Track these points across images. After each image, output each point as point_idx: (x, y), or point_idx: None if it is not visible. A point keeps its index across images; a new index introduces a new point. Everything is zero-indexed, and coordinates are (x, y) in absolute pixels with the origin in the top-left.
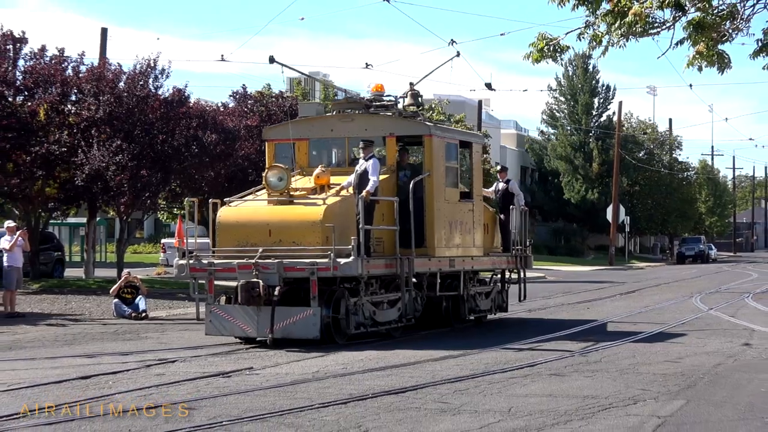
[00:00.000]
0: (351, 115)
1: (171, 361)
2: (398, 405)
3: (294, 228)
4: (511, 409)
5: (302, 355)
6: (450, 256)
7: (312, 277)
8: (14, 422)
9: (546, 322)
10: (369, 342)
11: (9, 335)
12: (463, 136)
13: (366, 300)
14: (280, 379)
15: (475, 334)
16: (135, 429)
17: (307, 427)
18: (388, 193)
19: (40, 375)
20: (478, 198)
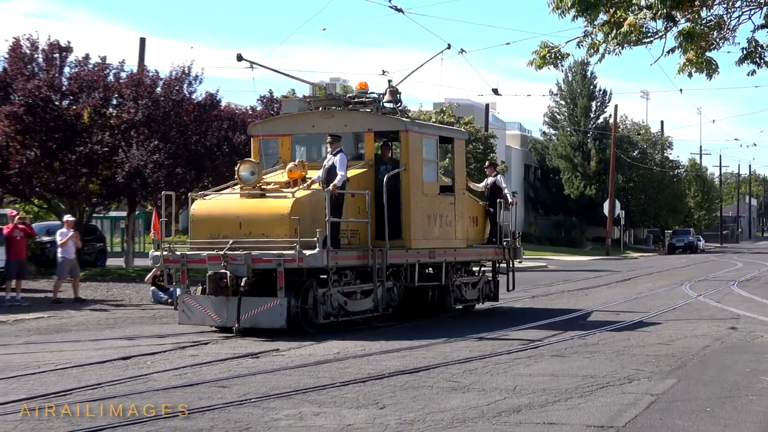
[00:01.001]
0: (331, 112)
1: (204, 343)
2: (412, 383)
3: (262, 221)
4: (516, 387)
5: (323, 338)
6: (430, 248)
7: (279, 269)
8: (62, 398)
9: (535, 311)
10: (365, 330)
11: (56, 319)
12: (443, 132)
13: (336, 290)
14: (304, 359)
15: (463, 322)
16: (170, 405)
17: (329, 404)
18: (365, 186)
19: (84, 356)
20: (461, 192)
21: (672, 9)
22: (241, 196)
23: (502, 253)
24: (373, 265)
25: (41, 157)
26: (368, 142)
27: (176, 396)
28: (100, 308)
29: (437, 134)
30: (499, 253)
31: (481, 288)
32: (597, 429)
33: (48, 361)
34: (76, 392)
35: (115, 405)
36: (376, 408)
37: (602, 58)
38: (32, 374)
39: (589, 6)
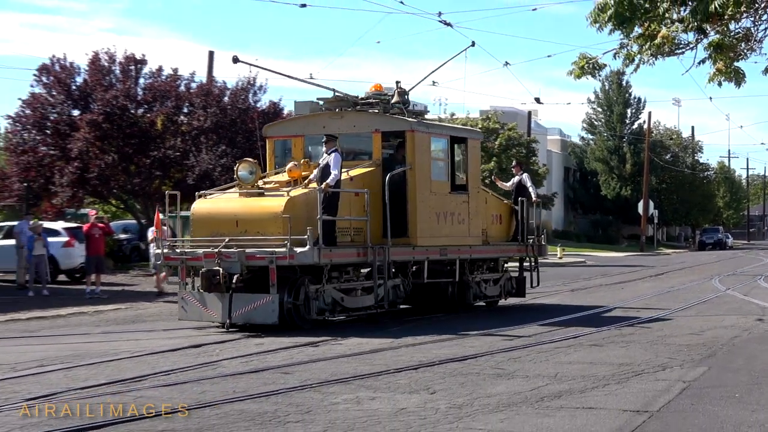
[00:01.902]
0: (341, 113)
1: (269, 333)
2: (461, 370)
3: (257, 219)
4: (557, 374)
5: (380, 327)
6: (440, 245)
7: (271, 266)
8: (138, 383)
9: (563, 307)
10: (411, 323)
11: (133, 311)
12: (455, 132)
13: (331, 287)
14: (361, 348)
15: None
16: (238, 389)
17: (383, 389)
18: (372, 185)
19: (158, 344)
20: (476, 190)
21: (702, 22)
22: (240, 195)
23: (525, 250)
24: (374, 263)
25: (118, 161)
26: (375, 141)
27: (242, 382)
28: (173, 300)
29: (448, 134)
30: (522, 251)
31: (503, 284)
32: (633, 413)
33: (124, 349)
34: (151, 378)
35: (185, 391)
36: (427, 393)
37: (637, 68)
38: (110, 361)
39: (625, 20)
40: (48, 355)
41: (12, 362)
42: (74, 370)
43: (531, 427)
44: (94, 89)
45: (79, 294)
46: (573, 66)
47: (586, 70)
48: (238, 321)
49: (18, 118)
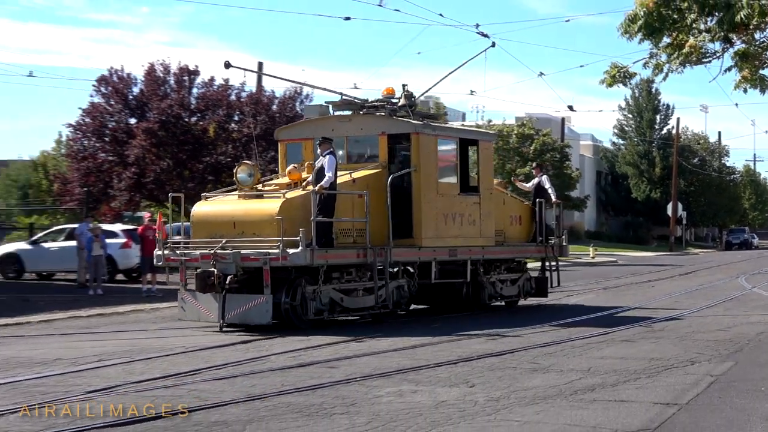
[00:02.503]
0: (349, 116)
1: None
2: (498, 365)
3: (253, 221)
4: (590, 368)
5: (423, 321)
6: (450, 246)
7: (265, 267)
8: (191, 377)
9: (588, 308)
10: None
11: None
12: (465, 134)
13: (330, 288)
14: (404, 343)
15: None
16: (286, 383)
17: (425, 383)
18: (378, 187)
19: (210, 340)
20: (488, 192)
21: (728, 32)
22: (239, 197)
23: (544, 251)
24: (373, 264)
25: (173, 166)
26: (382, 144)
27: (290, 376)
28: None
29: (457, 136)
30: (540, 251)
31: (522, 285)
32: (663, 406)
33: (179, 345)
34: (203, 372)
35: (237, 384)
36: (466, 386)
37: (666, 76)
38: (165, 356)
39: (654, 30)
40: (107, 350)
41: (73, 357)
42: (131, 365)
43: (565, 419)
44: (150, 99)
45: (135, 292)
46: (605, 75)
47: (618, 79)
48: (233, 321)
49: (79, 126)
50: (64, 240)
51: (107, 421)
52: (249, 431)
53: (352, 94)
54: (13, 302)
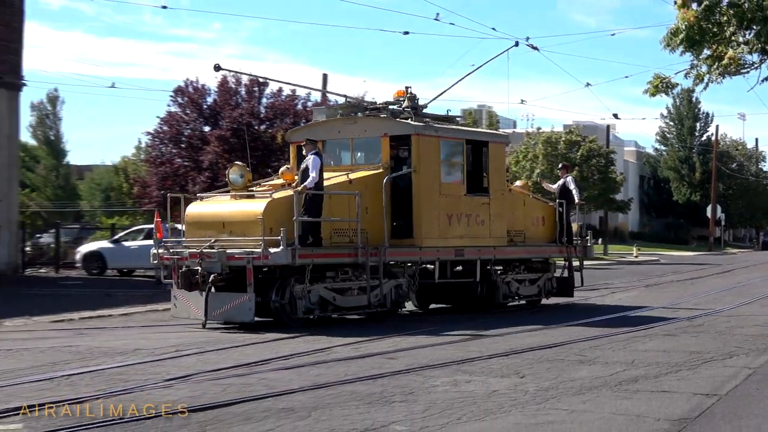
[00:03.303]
0: (354, 118)
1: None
2: (546, 357)
3: (240, 221)
4: (633, 360)
5: (473, 316)
6: (456, 246)
7: (248, 266)
8: (261, 366)
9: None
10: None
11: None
12: (473, 136)
13: (322, 286)
14: (457, 337)
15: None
16: (349, 372)
17: (478, 373)
18: (377, 188)
19: (279, 332)
20: (499, 192)
21: (766, 44)
22: (231, 197)
23: (565, 251)
24: (366, 263)
25: None
26: (384, 145)
27: (353, 366)
28: None
29: (463, 137)
30: (562, 251)
31: (543, 284)
32: (703, 396)
33: (250, 336)
34: (272, 362)
35: (302, 374)
36: (517, 377)
37: (706, 86)
38: (236, 347)
39: (695, 43)
40: (183, 341)
41: (151, 347)
42: (206, 355)
43: (610, 408)
44: (222, 108)
45: None
46: (648, 85)
47: (660, 89)
48: (218, 319)
49: (156, 133)
50: (143, 239)
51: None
52: (314, 417)
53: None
54: (96, 297)
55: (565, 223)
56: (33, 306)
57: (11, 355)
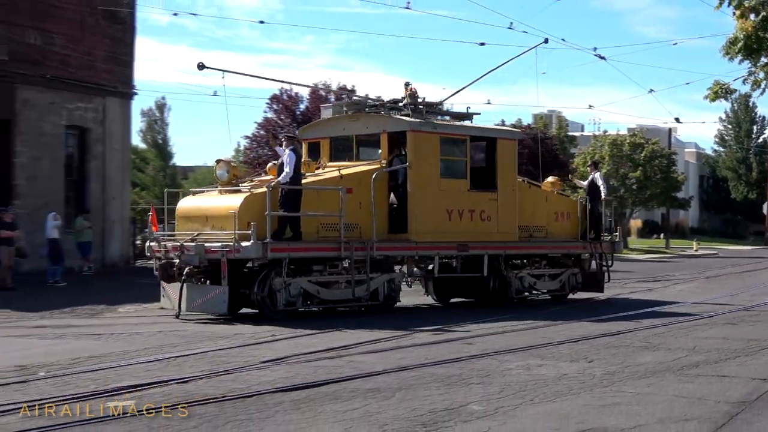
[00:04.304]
0: (357, 115)
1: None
2: (613, 343)
3: (219, 215)
4: (695, 347)
5: (544, 305)
6: (459, 242)
7: (222, 259)
8: (350, 350)
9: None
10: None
11: None
12: (478, 132)
13: (304, 280)
14: (530, 325)
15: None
16: (430, 356)
17: (548, 358)
18: (378, 183)
19: (365, 319)
20: (509, 188)
21: None
22: (218, 192)
23: (588, 247)
24: (350, 257)
25: None
26: (383, 142)
27: (433, 351)
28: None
29: (467, 134)
30: (585, 247)
31: (567, 279)
32: (760, 381)
33: (339, 323)
34: (360, 345)
35: (367, 363)
36: (585, 362)
37: (763, 91)
38: (325, 332)
39: (753, 51)
40: (277, 327)
41: (250, 332)
42: (299, 339)
43: (673, 391)
44: (313, 114)
45: None
46: (708, 91)
47: (720, 94)
48: (196, 310)
49: (254, 137)
50: None
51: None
52: (398, 397)
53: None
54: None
55: (594, 218)
56: (143, 294)
57: (124, 339)
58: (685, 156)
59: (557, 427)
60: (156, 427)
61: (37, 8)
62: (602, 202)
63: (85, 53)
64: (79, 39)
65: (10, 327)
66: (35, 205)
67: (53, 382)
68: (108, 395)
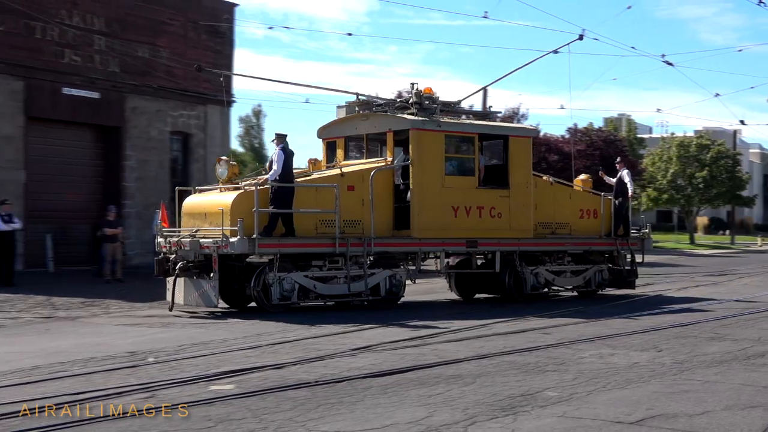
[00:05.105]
0: (367, 115)
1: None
2: (681, 334)
3: (215, 212)
4: (760, 338)
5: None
6: (468, 238)
7: (213, 254)
8: (432, 339)
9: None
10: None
11: (428, 285)
12: (488, 130)
13: (300, 275)
14: (599, 316)
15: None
16: (508, 345)
17: (620, 347)
18: (383, 181)
19: (446, 311)
20: (523, 186)
21: None
22: (219, 190)
23: (614, 244)
24: (346, 253)
25: None
26: (389, 140)
27: (511, 340)
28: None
29: (475, 132)
30: (611, 244)
31: (593, 276)
32: None
33: (419, 314)
34: (441, 335)
35: (426, 354)
36: (655, 351)
37: None
38: (408, 324)
39: None
40: (365, 315)
41: (342, 323)
42: (385, 328)
43: (739, 379)
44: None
45: None
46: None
47: None
48: (191, 303)
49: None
50: None
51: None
52: (478, 383)
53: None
54: None
55: (621, 215)
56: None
57: (225, 327)
58: (750, 156)
59: (628, 412)
60: (255, 408)
61: (146, 25)
62: (629, 199)
63: (188, 65)
64: (183, 52)
65: (122, 316)
66: (143, 204)
67: (160, 367)
68: (209, 379)
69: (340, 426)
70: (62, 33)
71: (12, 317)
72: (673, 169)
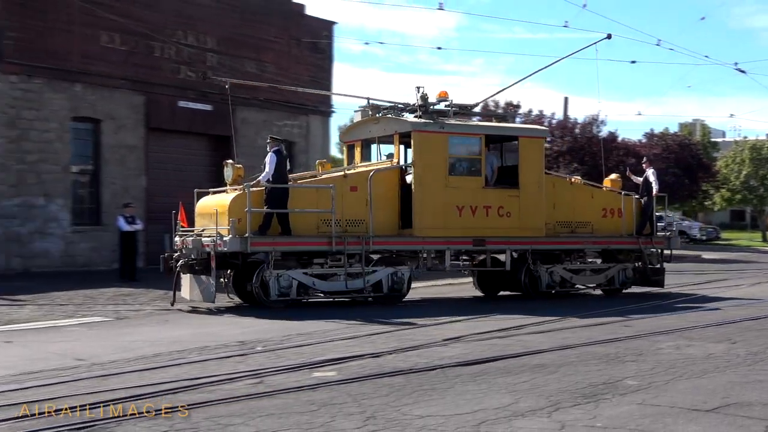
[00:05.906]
0: (378, 118)
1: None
2: (755, 327)
3: (219, 212)
4: None
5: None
6: (475, 237)
7: (211, 252)
8: (518, 330)
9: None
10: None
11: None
12: (495, 131)
13: (299, 272)
14: (678, 308)
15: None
16: (591, 337)
17: (696, 339)
18: (387, 182)
19: (530, 306)
20: (534, 185)
21: None
22: (227, 191)
23: (636, 243)
24: (343, 251)
25: None
26: (395, 142)
27: (587, 331)
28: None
29: (482, 133)
30: (634, 243)
31: (616, 274)
32: None
33: (497, 307)
34: (527, 327)
35: (478, 348)
36: (729, 343)
37: None
38: (492, 316)
39: None
40: (452, 310)
41: (433, 316)
42: (471, 321)
43: None
44: None
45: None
46: None
47: None
48: (195, 299)
49: None
50: None
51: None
52: (561, 372)
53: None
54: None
55: (646, 214)
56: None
57: (328, 317)
58: None
59: (705, 401)
60: (355, 394)
61: (253, 43)
62: (654, 198)
63: (292, 78)
64: (287, 67)
65: (235, 308)
66: None
67: (268, 356)
68: (313, 367)
69: (433, 411)
70: (178, 51)
71: (135, 309)
72: (746, 171)
